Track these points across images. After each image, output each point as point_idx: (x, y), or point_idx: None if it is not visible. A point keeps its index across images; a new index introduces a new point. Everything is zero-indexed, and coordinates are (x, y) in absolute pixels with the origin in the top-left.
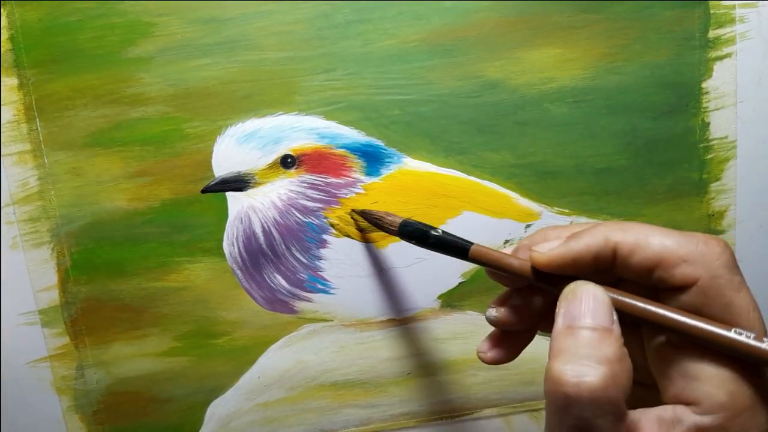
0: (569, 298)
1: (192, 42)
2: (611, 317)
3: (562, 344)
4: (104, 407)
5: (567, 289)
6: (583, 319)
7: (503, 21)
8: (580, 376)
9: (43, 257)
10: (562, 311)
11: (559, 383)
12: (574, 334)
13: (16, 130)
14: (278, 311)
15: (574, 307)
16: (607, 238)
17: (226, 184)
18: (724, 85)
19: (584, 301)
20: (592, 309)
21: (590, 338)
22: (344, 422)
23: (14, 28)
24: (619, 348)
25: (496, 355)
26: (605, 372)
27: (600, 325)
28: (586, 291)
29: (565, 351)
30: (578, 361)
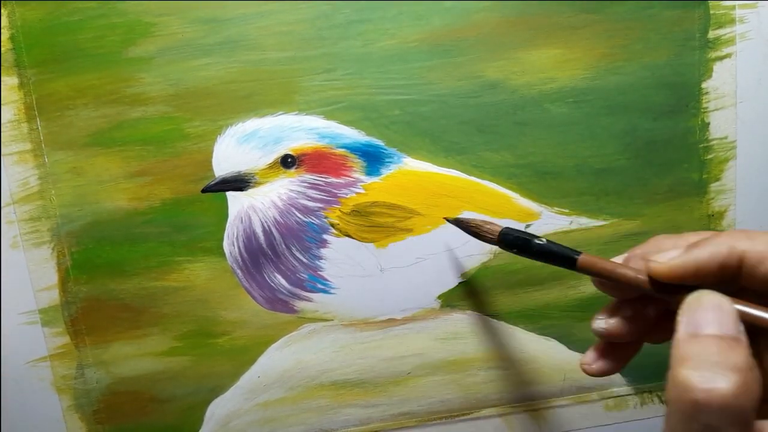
0: (693, 307)
1: (192, 42)
2: (738, 327)
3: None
4: (104, 407)
5: (690, 298)
6: (708, 327)
7: (503, 21)
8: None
9: (43, 257)
10: (685, 319)
11: (687, 389)
12: (701, 341)
13: (16, 129)
14: (278, 311)
15: (699, 316)
16: (732, 247)
17: (226, 183)
18: (724, 86)
19: (710, 310)
20: (718, 318)
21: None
22: (344, 422)
23: (15, 27)
24: (748, 357)
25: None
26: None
27: (727, 333)
28: (710, 300)
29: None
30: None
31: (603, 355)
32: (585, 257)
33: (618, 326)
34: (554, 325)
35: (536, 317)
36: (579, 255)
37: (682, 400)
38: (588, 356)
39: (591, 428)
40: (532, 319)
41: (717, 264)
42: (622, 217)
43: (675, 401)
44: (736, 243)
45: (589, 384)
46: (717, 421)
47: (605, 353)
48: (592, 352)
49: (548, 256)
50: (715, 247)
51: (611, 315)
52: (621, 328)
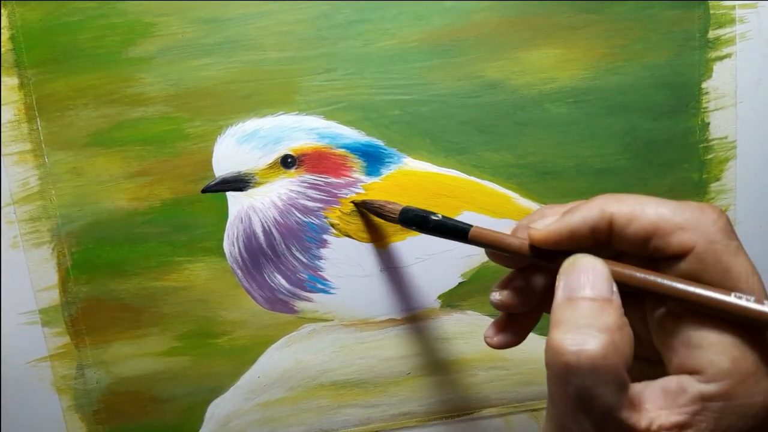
0: (568, 271)
1: (192, 42)
2: (611, 288)
3: (562, 315)
4: (104, 407)
5: (566, 263)
6: (582, 290)
7: (503, 21)
8: (579, 345)
9: (43, 257)
10: (562, 284)
11: (559, 352)
12: (574, 304)
13: (16, 129)
14: (278, 311)
15: (574, 279)
16: (602, 210)
17: (226, 183)
18: (724, 86)
19: (583, 272)
20: (591, 280)
21: (590, 308)
22: (344, 422)
23: (15, 27)
24: (620, 317)
25: (503, 339)
26: (605, 340)
27: (599, 295)
28: (584, 263)
29: (565, 321)
30: (578, 331)
31: (503, 328)
32: (476, 230)
33: (511, 297)
34: None
35: None
36: (470, 228)
37: (555, 363)
38: (489, 330)
39: None
40: None
41: (589, 227)
42: None
43: (550, 365)
44: (606, 206)
45: None
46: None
47: (505, 326)
48: (493, 325)
49: (443, 230)
50: (587, 212)
51: (504, 287)
52: (514, 299)
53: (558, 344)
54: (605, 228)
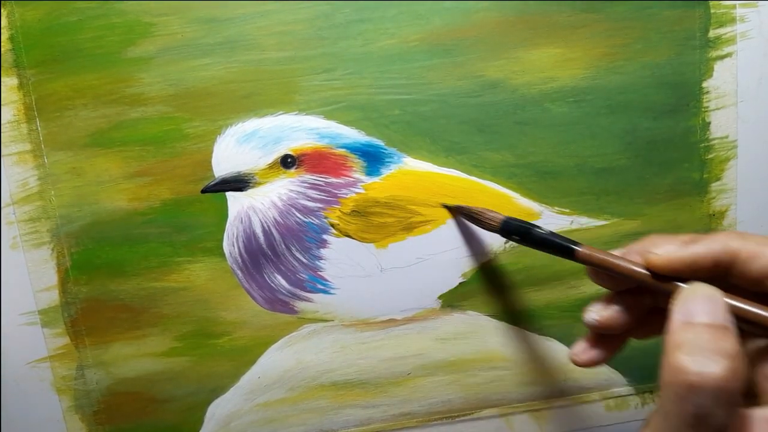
0: (688, 297)
1: (192, 42)
2: (727, 317)
3: (682, 337)
4: (104, 407)
5: (686, 290)
6: (700, 316)
7: (503, 21)
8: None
9: (43, 257)
10: (680, 308)
11: (681, 372)
12: (693, 328)
13: (16, 130)
14: (278, 311)
15: (692, 305)
16: (726, 245)
17: (226, 184)
18: (725, 85)
19: (702, 300)
20: (709, 308)
21: (710, 333)
22: (344, 422)
23: (14, 28)
24: (737, 345)
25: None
26: (727, 365)
27: (717, 322)
28: (704, 291)
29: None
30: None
31: (592, 346)
32: (585, 249)
33: (609, 318)
34: (555, 325)
35: (537, 317)
36: (579, 246)
37: (676, 382)
38: (577, 347)
39: (591, 428)
40: (534, 319)
41: (711, 259)
42: (622, 217)
43: (669, 384)
44: (730, 241)
45: (589, 384)
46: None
47: (594, 345)
48: (582, 342)
49: (548, 245)
50: (711, 244)
51: (603, 307)
52: (611, 320)
53: (681, 364)
54: (727, 262)
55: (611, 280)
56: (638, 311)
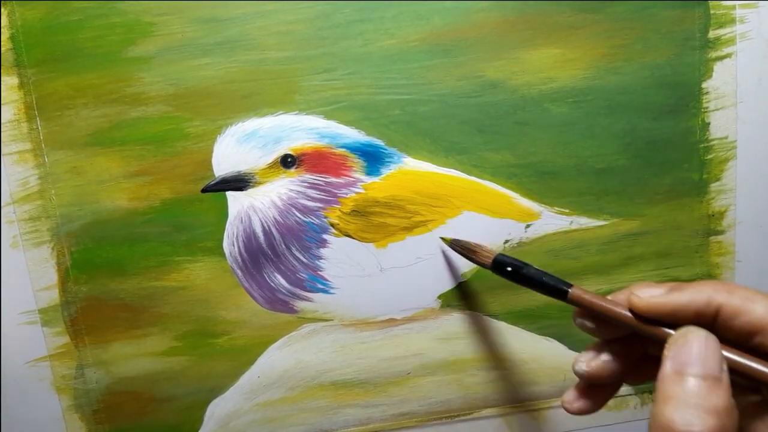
0: (679, 343)
1: (192, 41)
2: (721, 365)
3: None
4: (104, 407)
5: (678, 333)
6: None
7: (503, 21)
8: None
9: (43, 256)
10: (671, 355)
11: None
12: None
13: (16, 129)
14: (278, 311)
15: (684, 352)
16: (711, 298)
17: (226, 183)
18: (724, 86)
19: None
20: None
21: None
22: (344, 422)
23: (15, 27)
24: (728, 399)
25: (583, 406)
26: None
27: (710, 373)
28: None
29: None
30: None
31: (583, 394)
32: (576, 290)
33: (598, 368)
34: (554, 325)
35: (536, 317)
36: (570, 287)
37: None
38: (569, 395)
39: (591, 428)
40: (532, 319)
41: (694, 310)
42: (622, 217)
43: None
44: (716, 294)
45: None
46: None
47: (585, 393)
48: (573, 391)
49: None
50: (695, 294)
51: (592, 358)
52: (601, 369)
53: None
54: (710, 315)
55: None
56: (629, 359)
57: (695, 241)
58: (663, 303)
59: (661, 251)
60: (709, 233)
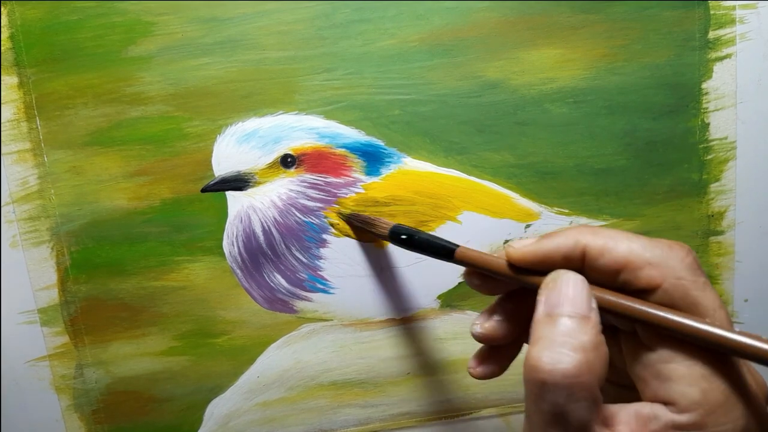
0: (550, 286)
1: (192, 41)
2: (589, 304)
3: (541, 332)
4: (103, 406)
5: (548, 277)
6: (562, 306)
7: (503, 21)
8: (554, 363)
9: (42, 256)
10: (543, 299)
11: (535, 369)
12: (553, 321)
13: (16, 128)
14: (278, 311)
15: (554, 295)
16: (577, 240)
17: (226, 183)
18: (724, 86)
19: (563, 287)
20: (571, 296)
21: (568, 326)
22: (343, 422)
23: (14, 26)
24: (596, 336)
25: (486, 370)
26: (579, 359)
27: (578, 312)
28: (566, 278)
29: (543, 338)
30: (555, 348)
31: (486, 358)
32: (462, 249)
33: (492, 328)
34: None
35: None
36: (457, 247)
37: (531, 379)
38: (472, 361)
39: None
40: None
41: (562, 254)
42: (621, 218)
43: (526, 381)
44: (581, 237)
45: None
46: (562, 398)
47: (488, 357)
48: (475, 357)
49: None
50: (562, 239)
51: (486, 319)
52: (495, 330)
53: (534, 362)
54: (578, 257)
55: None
56: (521, 318)
57: (695, 242)
58: (533, 250)
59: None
60: (708, 233)
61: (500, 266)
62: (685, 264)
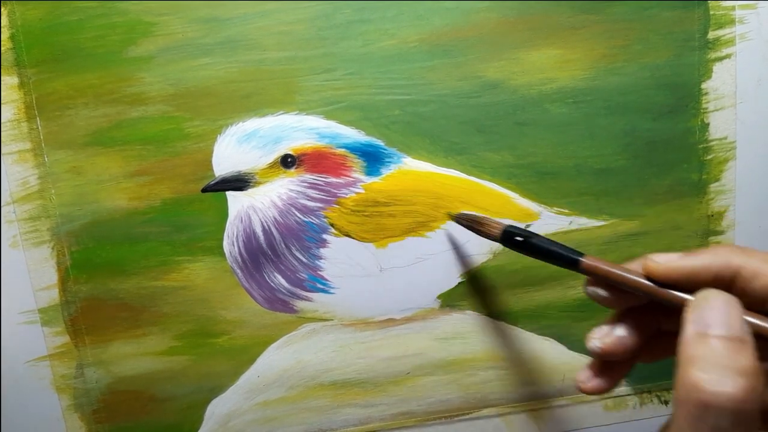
0: (701, 305)
1: (193, 41)
2: (744, 327)
3: (696, 351)
4: (104, 406)
5: (699, 296)
6: (716, 327)
7: (503, 21)
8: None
9: (43, 256)
10: (693, 317)
11: (696, 390)
12: (707, 341)
13: (16, 128)
14: (278, 310)
15: (707, 315)
16: (729, 260)
17: (226, 183)
18: (724, 86)
19: (717, 308)
20: (726, 318)
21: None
22: (343, 422)
23: (15, 27)
24: (754, 360)
25: (597, 385)
26: (744, 383)
27: (734, 334)
28: (719, 299)
29: (701, 359)
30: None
31: (598, 373)
32: (588, 259)
33: (613, 344)
34: (554, 325)
35: (536, 317)
36: (582, 256)
37: (691, 400)
38: (583, 374)
39: (590, 428)
40: (532, 319)
41: (712, 273)
42: (621, 218)
43: (684, 401)
44: (734, 257)
45: None
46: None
47: (600, 371)
48: (587, 369)
49: (552, 255)
50: (713, 257)
51: (606, 334)
52: (615, 346)
53: (695, 382)
54: (728, 278)
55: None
56: (643, 335)
57: (694, 242)
58: (680, 267)
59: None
60: (708, 234)
61: (636, 280)
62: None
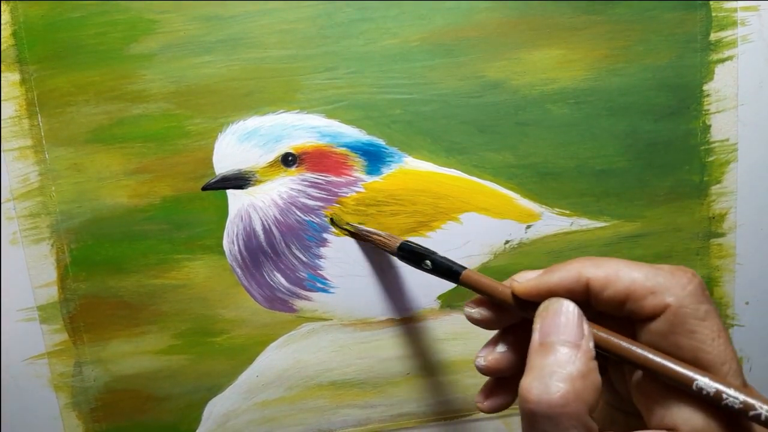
0: (543, 315)
1: (194, 39)
2: (581, 331)
3: (534, 361)
4: (102, 405)
5: (541, 306)
6: (554, 334)
7: (505, 21)
8: (541, 394)
9: (42, 253)
10: (537, 327)
11: (524, 400)
12: (547, 350)
13: (17, 125)
14: (277, 310)
15: (547, 324)
16: (580, 273)
17: (226, 181)
18: (726, 88)
19: (555, 316)
20: (563, 324)
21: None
22: (342, 422)
23: (17, 24)
24: (586, 363)
25: (493, 404)
26: (566, 388)
27: (569, 340)
28: (557, 305)
29: (535, 368)
30: (543, 379)
31: (492, 392)
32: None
33: (496, 360)
34: None
35: None
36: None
37: (522, 408)
38: (479, 396)
39: None
40: None
41: (565, 289)
42: (622, 219)
43: (520, 409)
44: (583, 270)
45: None
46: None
47: (494, 390)
48: (482, 391)
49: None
50: (565, 273)
51: (489, 352)
52: (499, 362)
53: (524, 392)
54: (582, 290)
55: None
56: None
57: (696, 244)
58: (537, 285)
59: (662, 253)
60: (709, 236)
61: (506, 296)
62: (687, 291)
